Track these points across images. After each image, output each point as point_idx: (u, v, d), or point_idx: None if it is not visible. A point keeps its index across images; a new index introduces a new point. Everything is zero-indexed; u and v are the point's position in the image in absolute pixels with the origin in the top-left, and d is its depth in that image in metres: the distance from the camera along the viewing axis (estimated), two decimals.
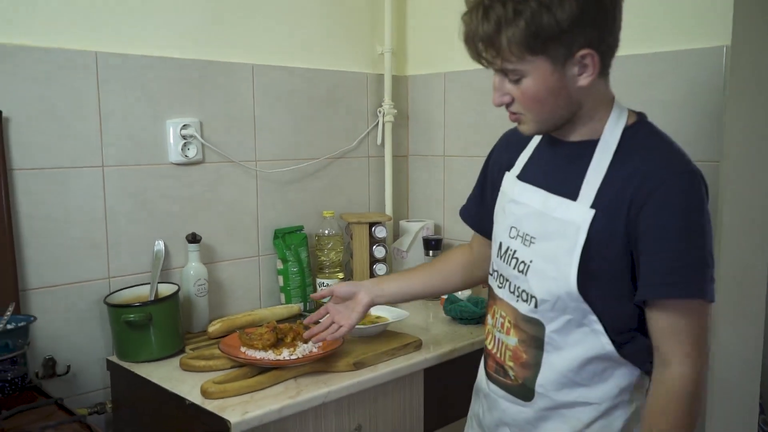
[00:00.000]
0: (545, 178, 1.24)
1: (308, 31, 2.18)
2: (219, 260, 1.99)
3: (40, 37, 1.63)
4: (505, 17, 1.07)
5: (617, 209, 1.12)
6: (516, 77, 1.13)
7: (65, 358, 1.69)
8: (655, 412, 1.14)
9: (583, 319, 1.17)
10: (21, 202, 1.62)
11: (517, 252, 1.24)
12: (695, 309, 1.12)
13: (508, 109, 1.19)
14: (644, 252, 1.11)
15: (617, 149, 1.16)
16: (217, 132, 1.96)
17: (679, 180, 1.11)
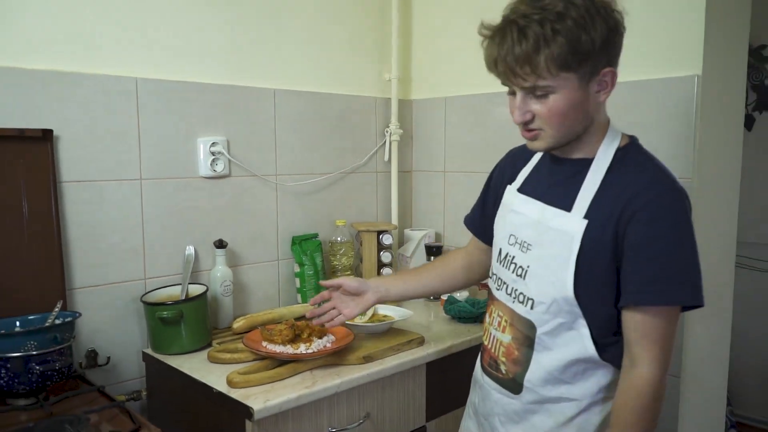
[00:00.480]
0: (544, 192, 1.23)
1: (324, 60, 2.19)
2: (243, 264, 2.00)
3: (87, 64, 1.64)
4: (544, 36, 1.04)
5: (607, 221, 1.12)
6: (543, 93, 1.09)
7: (106, 350, 1.69)
8: (623, 408, 1.13)
9: (573, 323, 1.17)
10: (68, 211, 1.63)
11: (515, 258, 1.24)
12: (671, 315, 1.11)
13: (528, 126, 1.14)
14: (631, 261, 1.10)
15: (609, 167, 1.16)
16: (242, 149, 1.97)
17: (665, 197, 1.10)
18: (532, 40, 1.04)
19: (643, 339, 1.10)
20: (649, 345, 1.10)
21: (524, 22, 1.05)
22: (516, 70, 1.07)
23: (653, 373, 1.10)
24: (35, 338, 1.36)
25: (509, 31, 1.06)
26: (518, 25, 1.06)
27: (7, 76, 1.52)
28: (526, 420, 1.25)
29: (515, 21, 1.06)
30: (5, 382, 1.32)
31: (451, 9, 2.32)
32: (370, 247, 2.16)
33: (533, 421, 1.24)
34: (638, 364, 1.11)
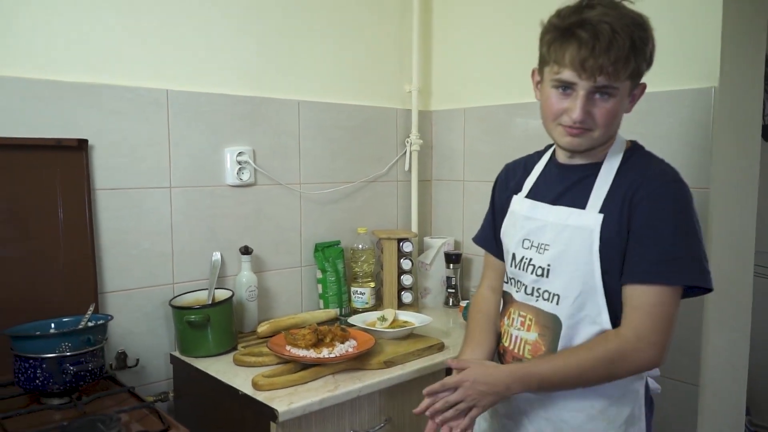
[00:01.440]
0: (556, 197, 1.26)
1: (346, 72, 2.21)
2: (267, 270, 2.01)
3: (120, 77, 1.68)
4: (638, 44, 1.10)
5: (619, 212, 1.16)
6: (608, 94, 1.13)
7: (135, 353, 1.71)
8: (585, 345, 1.16)
9: (597, 316, 1.18)
10: (101, 218, 1.65)
11: (533, 260, 1.25)
12: (668, 296, 1.12)
13: (582, 123, 1.15)
14: (634, 243, 1.14)
15: (618, 168, 1.20)
16: (268, 158, 1.98)
17: (668, 187, 1.15)
18: (628, 43, 1.08)
19: (635, 311, 1.13)
20: (640, 317, 1.12)
21: (615, 25, 1.08)
22: (607, 69, 1.09)
23: (629, 337, 1.12)
24: (69, 340, 1.38)
25: (603, 32, 1.08)
26: (611, 26, 1.08)
27: (45, 89, 1.55)
28: (556, 415, 1.23)
29: (605, 23, 1.08)
30: (41, 381, 1.34)
31: (470, 22, 2.33)
32: (390, 255, 2.16)
33: (563, 416, 1.23)
34: (623, 327, 1.14)
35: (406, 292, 2.18)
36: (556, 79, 1.16)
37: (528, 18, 2.10)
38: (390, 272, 2.16)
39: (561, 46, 1.13)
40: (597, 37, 1.08)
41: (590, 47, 1.08)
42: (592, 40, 1.08)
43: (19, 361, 1.36)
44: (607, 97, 1.13)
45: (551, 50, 1.16)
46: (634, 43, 1.09)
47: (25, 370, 1.35)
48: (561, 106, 1.17)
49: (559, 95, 1.17)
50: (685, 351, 1.75)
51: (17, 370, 1.36)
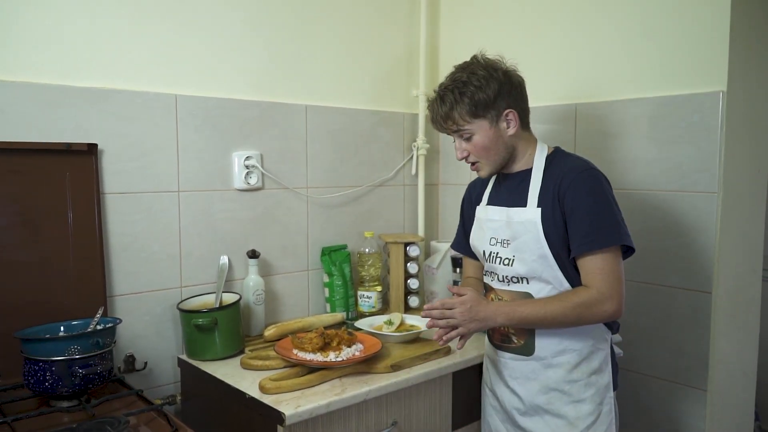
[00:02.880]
0: (505, 200, 1.57)
1: (354, 77, 2.22)
2: (274, 273, 2.02)
3: (130, 82, 1.69)
4: (455, 99, 1.47)
5: (552, 202, 1.45)
6: (468, 135, 1.50)
7: (143, 356, 1.72)
8: (566, 293, 1.44)
9: (560, 286, 1.46)
10: (110, 221, 1.66)
11: (499, 253, 1.54)
12: (609, 256, 1.40)
13: (468, 160, 1.53)
14: (570, 222, 1.43)
15: (545, 169, 1.50)
16: (275, 162, 1.99)
17: (582, 175, 1.44)
18: (449, 103, 1.49)
19: (590, 275, 1.41)
20: (595, 278, 1.41)
21: (443, 93, 1.50)
22: (443, 123, 1.51)
23: (593, 293, 1.40)
24: (78, 343, 1.39)
25: (436, 100, 1.52)
26: (440, 95, 1.51)
27: (56, 94, 1.56)
28: (540, 374, 1.51)
29: (437, 92, 1.52)
30: (50, 384, 1.35)
31: (477, 27, 2.33)
32: (397, 258, 2.16)
33: (547, 374, 1.51)
34: (590, 286, 1.41)
35: (413, 295, 2.18)
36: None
37: (534, 24, 2.11)
38: (397, 276, 2.16)
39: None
40: (432, 104, 1.53)
41: (431, 112, 1.54)
42: (431, 105, 1.54)
43: (28, 364, 1.36)
44: (469, 136, 1.50)
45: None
46: (455, 101, 1.47)
47: (35, 372, 1.35)
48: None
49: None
50: (692, 356, 1.75)
51: (27, 372, 1.37)
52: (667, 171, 1.78)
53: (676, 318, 1.78)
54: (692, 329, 1.75)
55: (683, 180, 1.75)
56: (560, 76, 2.03)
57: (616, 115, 1.88)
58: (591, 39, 1.94)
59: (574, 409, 1.49)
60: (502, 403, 1.60)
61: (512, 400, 1.56)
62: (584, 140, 1.95)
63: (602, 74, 1.92)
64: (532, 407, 1.53)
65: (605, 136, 1.91)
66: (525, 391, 1.53)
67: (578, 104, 1.97)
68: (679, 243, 1.76)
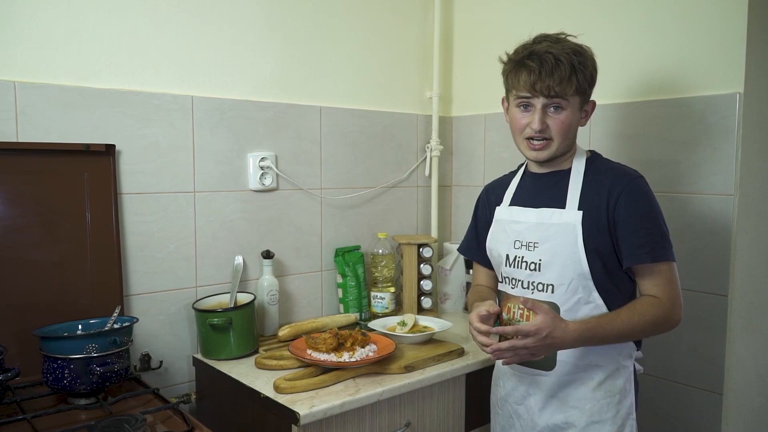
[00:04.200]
0: (534, 201, 1.48)
1: (368, 79, 2.22)
2: (288, 274, 2.03)
3: (147, 83, 1.71)
4: (577, 67, 1.35)
5: (598, 208, 1.38)
6: (559, 107, 1.38)
7: (158, 354, 1.74)
8: (643, 304, 1.34)
9: (588, 296, 1.38)
10: (127, 221, 1.68)
11: (525, 257, 1.44)
12: (666, 268, 1.35)
13: (542, 134, 1.39)
14: (623, 233, 1.35)
15: (584, 172, 1.43)
16: (290, 164, 2.00)
17: (638, 181, 1.38)
18: (568, 66, 1.35)
19: (659, 285, 1.35)
20: (665, 287, 1.35)
21: (557, 54, 1.35)
22: (554, 88, 1.35)
23: (665, 303, 1.34)
24: (96, 341, 1.40)
25: (547, 60, 1.35)
26: (554, 55, 1.35)
27: (73, 95, 1.58)
28: (562, 391, 1.43)
29: (549, 53, 1.35)
30: (68, 382, 1.37)
31: (490, 29, 2.33)
32: (410, 260, 2.16)
33: (567, 391, 1.42)
34: (657, 296, 1.34)
35: (426, 297, 2.19)
36: (517, 99, 1.42)
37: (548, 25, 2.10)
38: (410, 277, 2.16)
39: (516, 75, 1.40)
40: (542, 65, 1.35)
41: (537, 72, 1.35)
42: (539, 66, 1.35)
43: (47, 362, 1.38)
44: (560, 110, 1.38)
45: (509, 79, 1.43)
46: (574, 67, 1.35)
47: (53, 370, 1.37)
48: (524, 122, 1.41)
49: (521, 112, 1.42)
50: (708, 359, 1.73)
51: (45, 370, 1.39)
52: (683, 173, 1.77)
53: (691, 321, 1.77)
54: (708, 332, 1.73)
55: (699, 182, 1.74)
56: None
57: (631, 117, 1.88)
58: (606, 40, 1.93)
59: (594, 430, 1.40)
60: (515, 421, 1.52)
61: (528, 418, 1.48)
62: (599, 142, 1.95)
63: (617, 75, 1.91)
64: (548, 426, 1.45)
65: (621, 138, 1.90)
66: (542, 408, 1.45)
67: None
68: (695, 245, 1.75)
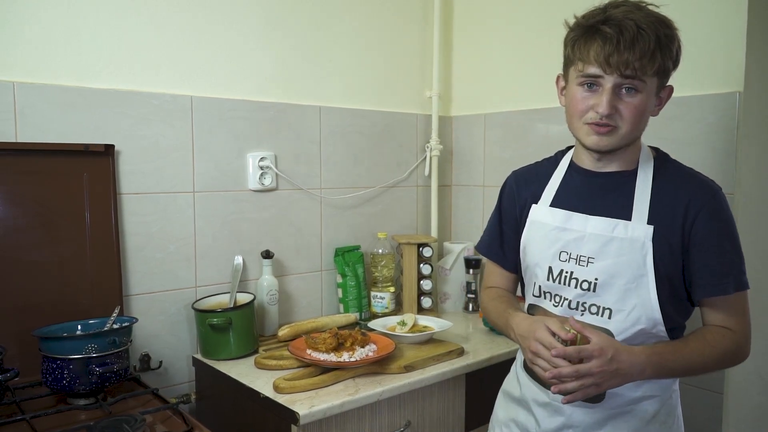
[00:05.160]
0: (589, 206, 1.22)
1: (367, 78, 2.22)
2: (288, 274, 2.02)
3: (146, 83, 1.70)
4: (663, 40, 1.09)
5: (671, 224, 1.15)
6: (634, 89, 1.12)
7: (158, 355, 1.74)
8: (715, 336, 1.17)
9: (652, 328, 1.17)
10: (127, 222, 1.68)
11: (575, 273, 1.21)
12: (742, 297, 1.18)
13: (607, 119, 1.13)
14: (702, 258, 1.15)
15: (654, 176, 1.20)
16: (289, 164, 2.00)
17: (719, 196, 1.17)
18: (653, 38, 1.08)
19: (734, 317, 1.17)
20: (739, 318, 1.18)
21: (640, 22, 1.08)
22: (633, 63, 1.08)
23: (738, 336, 1.18)
24: (95, 341, 1.40)
25: (628, 28, 1.07)
26: (636, 23, 1.08)
27: (73, 95, 1.58)
28: (608, 424, 1.22)
29: (630, 19, 1.08)
30: (67, 382, 1.37)
31: (491, 28, 2.33)
32: (410, 260, 2.16)
33: (617, 425, 1.21)
34: (731, 328, 1.18)
35: (426, 297, 2.18)
36: (582, 76, 1.14)
37: (548, 24, 2.11)
38: (410, 277, 2.16)
39: (586, 44, 1.12)
40: (622, 33, 1.08)
41: (615, 42, 1.08)
42: (617, 35, 1.08)
43: (46, 362, 1.38)
44: (634, 92, 1.12)
45: (575, 48, 1.15)
46: (660, 40, 1.08)
47: (53, 370, 1.37)
48: (587, 103, 1.15)
49: (585, 92, 1.15)
50: None
51: (45, 370, 1.39)
52: None
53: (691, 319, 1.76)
54: None
55: None
56: None
57: None
58: None
59: None
60: None
61: None
62: None
63: None
64: None
65: None
66: None
67: None
68: None
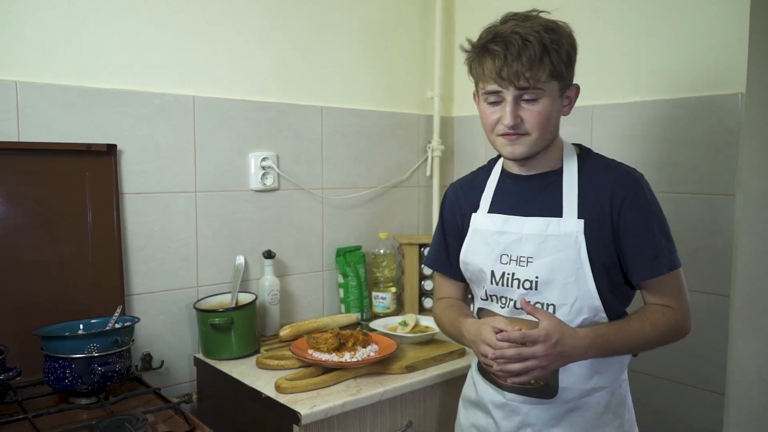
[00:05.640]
0: (522, 208, 1.28)
1: (368, 78, 2.22)
2: (289, 274, 2.03)
3: (148, 83, 1.71)
4: (549, 45, 1.15)
5: (600, 216, 1.21)
6: (534, 97, 1.17)
7: (160, 354, 1.74)
8: (657, 312, 1.23)
9: (595, 316, 1.22)
10: (129, 221, 1.68)
11: (516, 274, 1.25)
12: (677, 276, 1.24)
13: (514, 129, 1.19)
14: (633, 243, 1.20)
15: (578, 172, 1.25)
16: (291, 164, 2.00)
17: (641, 183, 1.23)
18: (538, 47, 1.14)
19: (670, 295, 1.23)
20: (679, 297, 1.24)
21: (525, 33, 1.14)
22: (523, 73, 1.15)
23: (677, 312, 1.24)
24: (97, 341, 1.40)
25: (513, 41, 1.14)
26: (523, 37, 1.14)
27: (75, 95, 1.59)
28: (564, 420, 1.25)
29: (515, 33, 1.15)
30: (69, 381, 1.37)
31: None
32: (411, 260, 2.16)
33: (572, 419, 1.25)
34: (670, 305, 1.24)
35: (427, 297, 2.19)
36: (485, 93, 1.22)
37: None
38: (411, 277, 2.17)
39: (480, 63, 1.21)
40: (508, 47, 1.15)
41: (503, 57, 1.15)
42: (504, 50, 1.15)
43: (48, 361, 1.38)
44: (534, 100, 1.18)
45: (473, 69, 1.24)
46: (546, 46, 1.14)
47: (55, 370, 1.37)
48: (494, 117, 1.21)
49: (491, 107, 1.22)
50: (710, 360, 1.73)
51: (47, 369, 1.39)
52: (685, 173, 1.77)
53: (693, 321, 1.76)
54: (710, 332, 1.73)
55: (701, 182, 1.74)
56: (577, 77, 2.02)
57: (633, 117, 1.88)
58: (608, 40, 1.93)
59: None
60: None
61: None
62: (600, 142, 1.95)
63: (619, 76, 1.91)
64: None
65: (622, 139, 1.90)
66: None
67: (594, 106, 1.96)
68: (696, 246, 1.75)
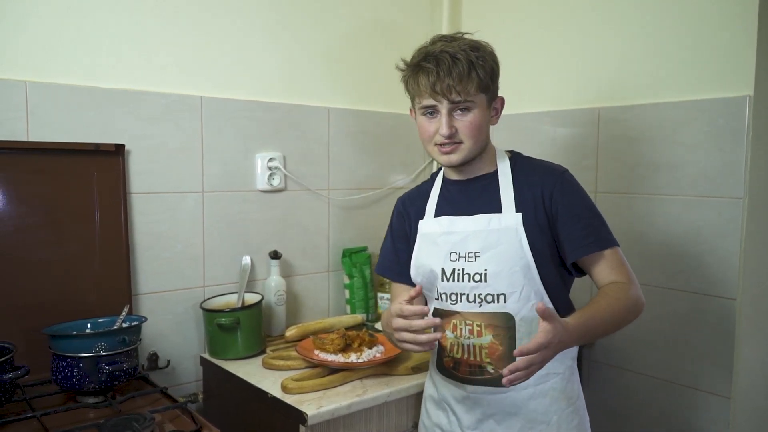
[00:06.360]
0: (466, 208, 1.38)
1: (375, 81, 2.22)
2: (295, 274, 2.03)
3: (156, 84, 1.72)
4: (475, 62, 1.27)
5: (535, 208, 1.32)
6: (466, 108, 1.30)
7: (166, 354, 1.75)
8: (615, 288, 1.28)
9: (541, 300, 1.30)
10: (136, 221, 1.69)
11: (465, 269, 1.33)
12: (616, 253, 1.31)
13: (451, 139, 1.31)
14: (564, 227, 1.30)
15: (512, 173, 1.37)
16: (297, 164, 2.01)
17: (566, 175, 1.35)
18: (466, 63, 1.27)
19: (615, 270, 1.30)
20: (622, 271, 1.30)
21: (453, 52, 1.27)
22: (454, 87, 1.27)
23: (630, 285, 1.29)
24: (105, 340, 1.41)
25: (443, 59, 1.27)
26: (451, 54, 1.27)
27: (84, 95, 1.59)
28: (524, 407, 1.33)
29: (445, 52, 1.28)
30: (77, 380, 1.37)
31: (497, 32, 2.33)
32: None
33: (530, 407, 1.33)
34: (622, 281, 1.29)
35: None
36: (421, 107, 1.34)
37: (556, 26, 2.11)
38: None
39: (414, 80, 1.32)
40: (439, 65, 1.27)
41: (435, 73, 1.27)
42: (436, 67, 1.27)
43: (56, 360, 1.39)
44: (466, 111, 1.30)
45: (409, 86, 1.36)
46: (472, 63, 1.27)
47: (63, 368, 1.38)
48: (432, 129, 1.33)
49: (428, 120, 1.34)
50: (716, 362, 1.73)
51: (55, 368, 1.40)
52: (692, 176, 1.76)
53: (699, 324, 1.76)
54: (716, 336, 1.73)
55: (708, 185, 1.73)
56: (583, 80, 2.03)
57: (639, 120, 1.87)
58: (615, 41, 1.93)
59: None
60: None
61: None
62: (607, 145, 1.95)
63: (626, 78, 1.91)
64: None
65: (629, 141, 1.90)
66: (505, 430, 1.35)
67: (601, 108, 1.96)
68: (703, 248, 1.74)
